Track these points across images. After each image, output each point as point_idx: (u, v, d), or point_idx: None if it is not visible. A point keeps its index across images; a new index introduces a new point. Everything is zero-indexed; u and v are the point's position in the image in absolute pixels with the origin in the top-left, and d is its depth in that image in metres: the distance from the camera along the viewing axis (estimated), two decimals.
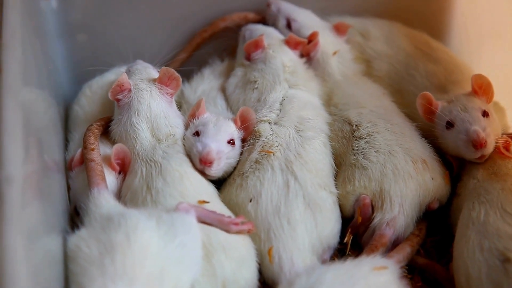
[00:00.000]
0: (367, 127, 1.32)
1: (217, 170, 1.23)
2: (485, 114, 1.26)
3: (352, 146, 1.30)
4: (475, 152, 1.23)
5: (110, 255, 0.95)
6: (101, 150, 1.24)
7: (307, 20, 1.53)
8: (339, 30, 1.52)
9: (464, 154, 1.26)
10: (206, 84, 1.48)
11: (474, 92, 1.30)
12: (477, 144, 1.21)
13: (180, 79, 1.30)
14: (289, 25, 1.54)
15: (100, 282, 0.92)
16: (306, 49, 1.47)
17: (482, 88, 1.29)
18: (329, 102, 1.42)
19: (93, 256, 0.96)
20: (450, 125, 1.28)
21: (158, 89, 1.30)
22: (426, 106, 1.31)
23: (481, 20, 1.56)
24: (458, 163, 1.30)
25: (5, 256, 0.78)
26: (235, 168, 1.28)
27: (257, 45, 1.43)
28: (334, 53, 1.47)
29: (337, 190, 1.26)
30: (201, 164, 1.22)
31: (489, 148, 1.23)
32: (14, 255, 0.78)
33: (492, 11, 1.55)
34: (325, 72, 1.47)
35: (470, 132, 1.22)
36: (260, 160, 1.24)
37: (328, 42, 1.49)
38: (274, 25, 1.55)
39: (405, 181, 1.23)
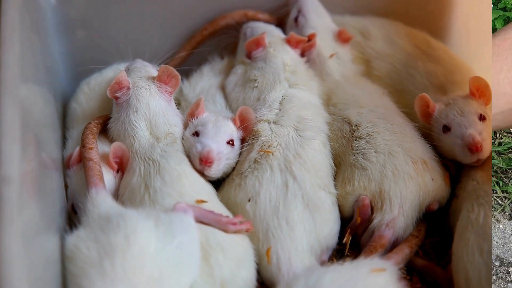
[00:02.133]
0: (367, 127, 1.30)
1: (216, 170, 1.22)
2: (482, 117, 1.25)
3: (351, 146, 1.29)
4: (471, 156, 1.22)
5: (109, 257, 0.94)
6: (99, 148, 1.23)
7: (315, 20, 1.51)
8: (341, 38, 1.49)
9: (461, 159, 1.25)
10: (205, 81, 1.47)
11: (472, 95, 1.29)
12: (473, 147, 1.21)
13: (179, 77, 1.29)
14: (296, 19, 1.53)
15: (100, 285, 0.92)
16: (303, 48, 1.46)
17: (479, 90, 1.28)
18: (328, 101, 1.40)
19: (92, 258, 0.95)
20: (446, 129, 1.27)
21: (157, 87, 1.28)
22: (423, 108, 1.31)
23: (483, 20, 1.56)
24: (455, 166, 1.30)
25: (2, 257, 0.77)
26: (233, 168, 1.27)
27: (258, 43, 1.42)
28: (331, 56, 1.46)
29: (336, 190, 1.25)
30: (201, 164, 1.21)
31: (486, 152, 1.22)
32: (12, 257, 0.77)
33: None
34: (323, 72, 1.46)
35: (466, 136, 1.22)
36: (259, 160, 1.24)
37: (326, 45, 1.47)
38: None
39: (405, 182, 1.22)
